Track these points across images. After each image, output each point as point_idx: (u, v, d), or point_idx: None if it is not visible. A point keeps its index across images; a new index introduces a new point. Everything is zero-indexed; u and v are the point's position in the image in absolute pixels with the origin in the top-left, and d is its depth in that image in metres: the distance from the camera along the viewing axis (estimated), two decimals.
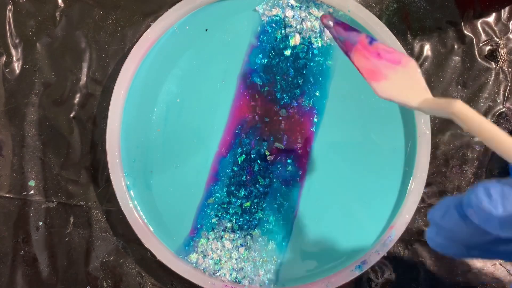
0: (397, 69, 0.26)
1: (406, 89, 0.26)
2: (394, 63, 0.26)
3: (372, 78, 0.26)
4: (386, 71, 0.26)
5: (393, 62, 0.26)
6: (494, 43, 0.37)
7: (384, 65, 0.26)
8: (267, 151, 0.34)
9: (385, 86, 0.26)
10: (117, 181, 0.33)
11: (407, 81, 0.26)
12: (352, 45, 0.27)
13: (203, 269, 0.33)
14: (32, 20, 0.36)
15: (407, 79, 0.26)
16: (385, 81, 0.26)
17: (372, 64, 0.27)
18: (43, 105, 0.35)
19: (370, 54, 0.27)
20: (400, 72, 0.26)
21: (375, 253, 0.33)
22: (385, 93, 0.26)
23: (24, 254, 0.35)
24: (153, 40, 0.34)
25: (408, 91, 0.25)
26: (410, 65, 0.26)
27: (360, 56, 0.27)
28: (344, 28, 0.28)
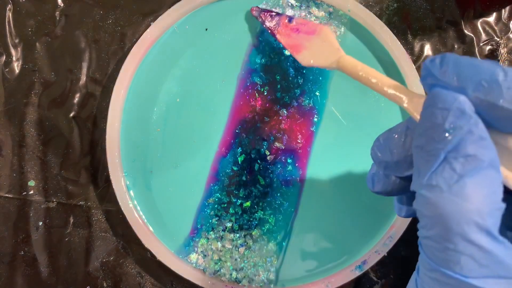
0: (313, 38, 0.30)
1: (322, 53, 0.29)
2: (310, 34, 0.30)
3: (295, 51, 0.30)
4: (305, 42, 0.30)
5: (309, 33, 0.30)
6: (495, 42, 0.36)
7: (302, 37, 0.30)
8: (267, 151, 0.34)
9: (305, 55, 0.30)
10: (117, 181, 0.33)
11: (322, 46, 0.29)
12: (277, 27, 0.32)
13: (203, 269, 0.33)
14: (32, 20, 0.36)
15: (322, 44, 0.29)
16: (305, 51, 0.30)
17: (293, 39, 0.31)
18: (42, 105, 0.35)
19: (291, 31, 0.31)
20: (316, 39, 0.30)
21: (375, 253, 0.33)
22: (306, 61, 0.30)
23: (24, 254, 0.35)
24: (153, 40, 0.34)
25: (323, 55, 0.28)
26: (323, 32, 0.29)
27: (283, 35, 0.31)
28: (269, 15, 0.32)
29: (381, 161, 0.21)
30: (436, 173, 0.16)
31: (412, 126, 0.20)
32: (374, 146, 0.21)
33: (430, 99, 0.17)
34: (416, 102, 0.20)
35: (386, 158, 0.21)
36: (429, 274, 0.17)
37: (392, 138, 0.20)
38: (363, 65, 0.24)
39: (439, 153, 0.16)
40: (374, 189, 0.23)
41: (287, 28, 0.31)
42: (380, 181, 0.23)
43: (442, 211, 0.16)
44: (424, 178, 0.17)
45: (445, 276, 0.17)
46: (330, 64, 0.27)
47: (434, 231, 0.16)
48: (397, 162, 0.20)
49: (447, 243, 0.16)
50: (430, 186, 0.16)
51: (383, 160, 0.21)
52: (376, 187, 0.23)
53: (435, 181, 0.16)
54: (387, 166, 0.21)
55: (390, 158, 0.20)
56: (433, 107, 0.17)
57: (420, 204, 0.17)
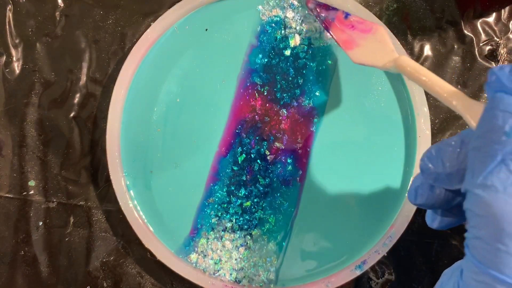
0: (368, 36, 0.29)
1: (375, 53, 0.29)
2: (365, 32, 0.30)
3: (347, 47, 0.30)
4: (359, 39, 0.30)
5: (364, 31, 0.30)
6: (494, 43, 0.37)
7: (357, 34, 0.30)
8: (267, 150, 0.34)
9: (358, 53, 0.29)
10: (117, 181, 0.33)
11: (376, 46, 0.29)
12: (331, 22, 0.31)
13: (203, 269, 0.33)
14: (32, 20, 0.36)
15: (377, 44, 0.29)
16: (357, 48, 0.29)
17: (347, 35, 0.30)
18: (43, 105, 0.35)
19: (345, 27, 0.30)
20: (370, 38, 0.29)
21: (375, 253, 0.33)
22: (358, 58, 0.29)
23: (24, 254, 0.35)
24: (153, 40, 0.34)
25: (377, 54, 0.28)
26: (378, 32, 0.29)
27: (337, 30, 0.31)
28: (325, 8, 0.32)
29: (432, 173, 0.21)
30: (492, 173, 0.17)
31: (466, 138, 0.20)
32: (425, 157, 0.21)
33: (492, 102, 0.18)
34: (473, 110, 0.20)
35: (438, 170, 0.20)
36: (476, 277, 0.17)
37: (445, 150, 0.20)
38: (423, 68, 0.24)
39: (497, 154, 0.17)
40: (416, 201, 0.23)
41: (342, 24, 0.31)
42: (424, 194, 0.23)
43: (496, 211, 0.16)
44: (479, 178, 0.17)
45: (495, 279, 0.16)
46: (384, 65, 0.27)
47: (485, 231, 0.17)
48: (449, 174, 0.20)
49: (499, 244, 0.16)
50: (485, 186, 0.17)
51: (435, 172, 0.21)
52: (419, 200, 0.23)
53: (490, 181, 0.16)
54: (438, 178, 0.21)
55: (442, 170, 0.20)
56: (495, 110, 0.17)
57: (473, 203, 0.17)
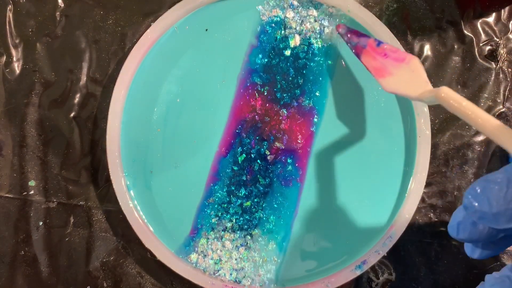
0: (401, 66, 0.29)
1: (408, 83, 0.28)
2: (399, 61, 0.29)
3: (379, 75, 0.30)
4: (392, 68, 0.30)
5: (397, 61, 0.29)
6: (494, 43, 0.37)
7: (389, 63, 0.30)
8: (267, 150, 0.34)
9: (390, 81, 0.29)
10: (117, 181, 0.33)
11: (410, 76, 0.29)
12: (362, 48, 0.31)
13: (203, 269, 0.33)
14: (32, 20, 0.36)
15: (410, 74, 0.29)
16: (390, 77, 0.29)
17: (379, 63, 0.30)
18: (43, 105, 0.35)
19: (377, 55, 0.30)
20: (404, 68, 0.29)
21: (375, 253, 0.33)
22: (390, 87, 0.29)
23: (24, 254, 0.35)
24: (153, 40, 0.34)
25: (410, 84, 0.28)
26: (412, 62, 0.29)
27: (368, 57, 0.31)
28: (356, 35, 0.32)
29: (477, 211, 0.20)
30: None
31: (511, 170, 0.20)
32: (469, 195, 0.21)
33: None
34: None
35: (483, 209, 0.20)
36: None
37: (491, 189, 0.20)
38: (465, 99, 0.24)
39: None
40: (458, 236, 0.23)
41: (374, 51, 0.31)
42: (467, 230, 0.22)
43: None
44: None
45: None
46: (418, 95, 0.27)
47: None
48: (496, 214, 0.20)
49: None
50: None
51: (480, 211, 0.20)
52: (461, 235, 0.23)
53: None
54: (483, 217, 0.20)
55: (488, 210, 0.20)
56: None
57: None
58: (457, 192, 0.36)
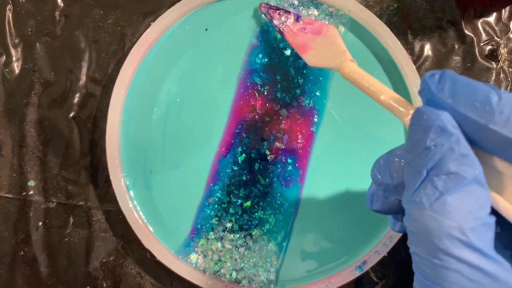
0: (319, 38, 0.29)
1: (329, 54, 0.28)
2: (317, 34, 0.29)
3: (302, 51, 0.30)
4: (311, 42, 0.29)
5: (315, 33, 0.30)
6: (495, 43, 0.36)
7: (309, 37, 0.30)
8: (267, 150, 0.34)
9: (312, 56, 0.29)
10: (117, 181, 0.33)
11: (329, 47, 0.28)
12: (285, 26, 0.31)
13: (203, 269, 0.33)
14: (31, 20, 0.36)
15: (329, 45, 0.28)
16: (311, 51, 0.29)
17: (300, 39, 0.30)
18: (42, 105, 0.35)
19: (298, 30, 0.30)
20: (322, 40, 0.29)
21: (375, 253, 0.33)
22: (312, 62, 0.29)
23: (24, 254, 0.35)
24: (153, 40, 0.34)
25: (330, 56, 0.28)
26: (329, 33, 0.29)
27: (291, 34, 0.31)
28: (277, 12, 0.32)
29: (381, 183, 0.21)
30: (419, 190, 0.17)
31: None
32: (374, 168, 0.21)
33: (416, 116, 0.17)
34: None
35: (386, 181, 0.20)
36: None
37: (392, 161, 0.20)
38: (363, 73, 0.24)
39: (422, 170, 0.17)
40: (373, 207, 0.23)
41: (295, 27, 0.31)
42: (379, 201, 0.23)
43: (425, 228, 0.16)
44: (409, 195, 0.17)
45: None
46: (336, 66, 0.27)
47: (420, 247, 0.17)
48: (397, 185, 0.20)
49: (434, 259, 0.16)
50: (414, 202, 0.17)
51: (383, 183, 0.21)
52: (375, 206, 0.23)
53: (418, 198, 0.17)
54: (387, 189, 0.21)
55: (390, 181, 0.20)
56: (417, 124, 0.17)
57: (406, 219, 0.17)
58: None
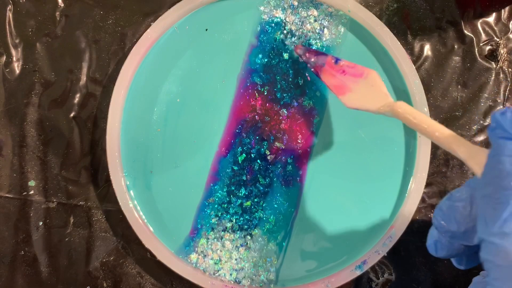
0: (360, 81, 0.29)
1: (369, 97, 0.29)
2: (357, 76, 0.30)
3: (340, 93, 0.30)
4: (351, 84, 0.30)
5: (356, 76, 0.30)
6: (494, 43, 0.37)
7: (348, 79, 0.30)
8: (267, 150, 0.34)
9: (351, 97, 0.30)
10: (117, 181, 0.33)
11: (369, 90, 0.29)
12: (321, 67, 0.31)
13: (203, 269, 0.33)
14: (32, 20, 0.36)
15: (369, 88, 0.29)
16: (350, 93, 0.30)
17: (339, 80, 0.30)
18: (43, 105, 0.35)
19: (336, 72, 0.31)
20: (363, 83, 0.29)
21: (375, 253, 0.33)
22: (351, 103, 0.29)
23: (24, 254, 0.35)
24: (153, 40, 0.34)
25: (370, 98, 0.28)
26: (370, 76, 0.29)
27: (328, 75, 0.31)
28: (314, 54, 0.32)
29: (447, 231, 0.20)
30: (507, 220, 0.16)
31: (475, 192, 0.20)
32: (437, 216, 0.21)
33: (496, 149, 0.17)
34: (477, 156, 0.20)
35: (452, 228, 0.20)
36: None
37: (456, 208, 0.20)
38: (421, 113, 0.24)
39: (509, 200, 0.16)
40: (438, 255, 0.23)
41: (333, 69, 0.31)
42: (444, 248, 0.22)
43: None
44: (494, 226, 0.16)
45: None
46: (378, 109, 0.27)
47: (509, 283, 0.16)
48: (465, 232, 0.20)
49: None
50: (503, 234, 0.16)
51: (449, 230, 0.20)
52: (440, 253, 0.23)
53: (508, 229, 0.16)
54: (454, 236, 0.20)
55: (457, 229, 0.20)
56: (500, 155, 0.17)
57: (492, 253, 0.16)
58: None
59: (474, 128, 0.36)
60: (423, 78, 0.36)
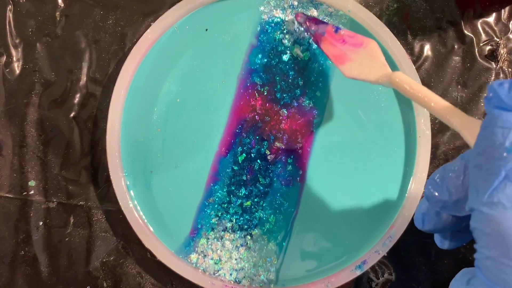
0: (359, 50, 0.29)
1: (367, 67, 0.28)
2: (357, 46, 0.29)
3: (339, 62, 0.30)
4: (350, 54, 0.29)
5: (355, 46, 0.29)
6: (494, 43, 0.37)
7: (348, 49, 0.30)
8: (267, 150, 0.34)
9: (350, 67, 0.29)
10: (117, 181, 0.33)
11: (368, 60, 0.29)
12: (321, 36, 0.31)
13: (203, 269, 0.33)
14: (32, 20, 0.36)
15: (369, 58, 0.29)
16: (349, 63, 0.29)
17: (338, 49, 0.30)
18: (43, 105, 0.35)
19: (336, 41, 0.30)
20: (362, 53, 0.29)
21: (375, 253, 0.33)
22: (350, 73, 0.29)
23: (24, 254, 0.35)
24: (153, 40, 0.34)
25: (369, 69, 0.28)
26: (370, 46, 0.29)
27: (328, 44, 0.31)
28: (314, 22, 0.32)
29: (438, 201, 0.20)
30: (497, 190, 0.16)
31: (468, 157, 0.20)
32: (429, 185, 0.21)
33: (490, 119, 0.17)
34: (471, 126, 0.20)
35: (444, 198, 0.20)
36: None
37: (449, 177, 0.20)
38: (418, 84, 0.25)
39: (500, 171, 0.16)
40: (424, 228, 0.23)
41: (333, 38, 0.30)
42: (432, 221, 0.22)
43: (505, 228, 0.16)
44: (484, 196, 0.17)
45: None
46: (377, 79, 0.27)
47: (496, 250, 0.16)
48: (456, 201, 0.20)
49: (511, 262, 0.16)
50: (492, 203, 0.16)
51: (441, 200, 0.20)
52: (427, 226, 0.23)
53: (497, 198, 0.16)
54: (445, 206, 0.20)
55: (448, 198, 0.20)
56: (494, 126, 0.17)
57: (481, 222, 0.17)
58: None
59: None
60: (423, 78, 0.36)
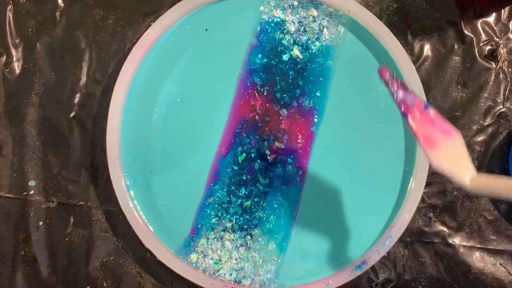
0: (448, 140, 0.25)
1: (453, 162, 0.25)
2: (447, 134, 0.26)
3: (428, 145, 0.26)
4: (440, 140, 0.26)
5: (445, 133, 0.26)
6: (494, 43, 0.37)
7: (438, 134, 0.26)
8: (267, 150, 0.34)
9: (440, 156, 0.25)
10: (117, 181, 0.33)
11: (454, 154, 0.25)
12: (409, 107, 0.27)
13: (203, 269, 0.33)
14: (32, 20, 0.36)
15: (455, 152, 0.25)
16: (440, 151, 0.25)
17: (427, 131, 0.26)
18: (43, 105, 0.35)
19: (425, 120, 0.26)
20: (450, 144, 0.25)
21: (375, 253, 0.33)
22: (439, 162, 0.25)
23: (24, 254, 0.35)
24: (153, 40, 0.34)
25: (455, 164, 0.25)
26: (458, 138, 0.25)
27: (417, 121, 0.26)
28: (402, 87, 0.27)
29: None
30: None
31: None
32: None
33: None
34: None
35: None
36: None
37: None
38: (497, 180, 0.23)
39: None
40: None
41: (422, 115, 0.26)
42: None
43: None
44: None
45: None
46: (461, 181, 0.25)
47: None
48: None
49: None
50: None
51: None
52: None
53: None
54: None
55: None
56: None
57: None
58: (457, 192, 0.36)
59: (474, 128, 0.36)
60: (423, 78, 0.36)
